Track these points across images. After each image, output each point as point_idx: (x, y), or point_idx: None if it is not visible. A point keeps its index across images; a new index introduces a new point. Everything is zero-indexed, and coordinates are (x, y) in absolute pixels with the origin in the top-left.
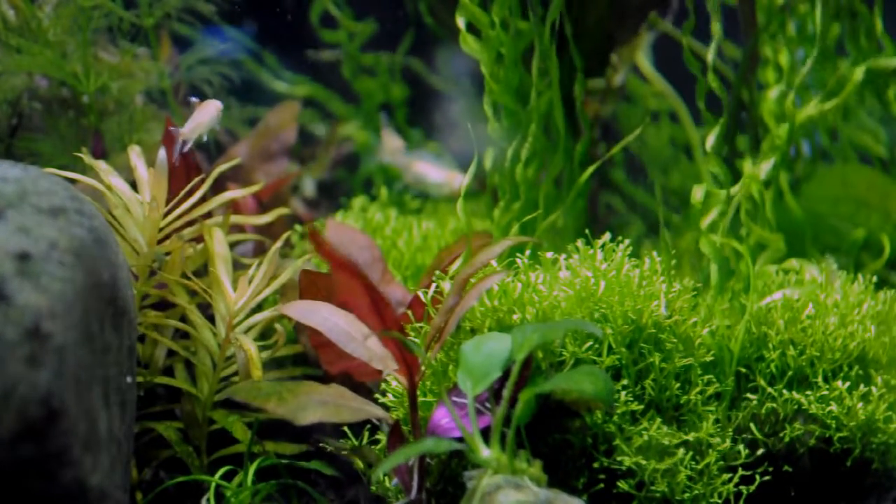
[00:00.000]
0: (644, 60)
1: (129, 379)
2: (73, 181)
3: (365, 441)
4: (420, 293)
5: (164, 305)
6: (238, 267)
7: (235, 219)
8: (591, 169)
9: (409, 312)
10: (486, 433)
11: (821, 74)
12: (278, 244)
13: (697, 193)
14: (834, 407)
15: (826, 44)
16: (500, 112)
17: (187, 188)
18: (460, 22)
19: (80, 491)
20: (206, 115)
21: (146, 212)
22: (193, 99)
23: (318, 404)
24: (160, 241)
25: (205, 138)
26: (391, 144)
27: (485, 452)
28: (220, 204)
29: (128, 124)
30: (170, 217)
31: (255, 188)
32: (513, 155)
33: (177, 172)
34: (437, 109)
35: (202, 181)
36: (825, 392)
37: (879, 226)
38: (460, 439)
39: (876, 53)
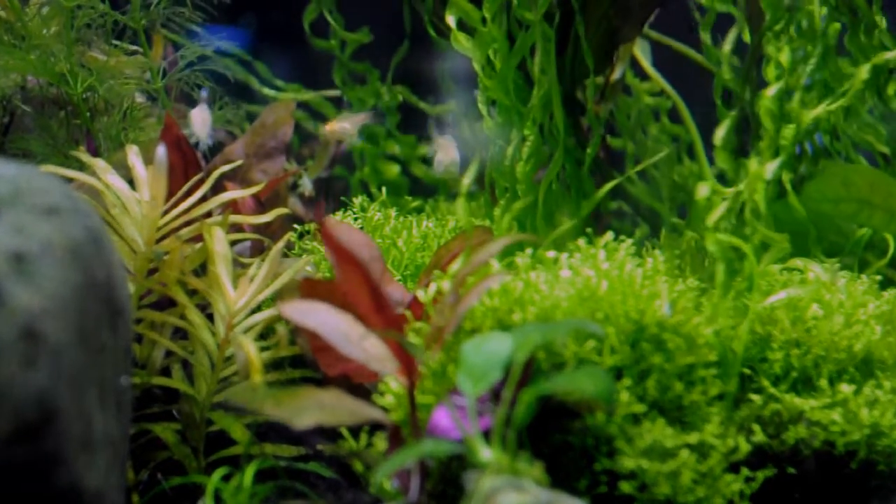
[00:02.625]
0: (642, 56)
1: (125, 380)
2: (69, 179)
3: (364, 443)
4: (419, 292)
5: (161, 305)
6: (236, 266)
7: (234, 218)
8: (605, 185)
9: (408, 312)
10: (486, 434)
11: (822, 73)
12: (280, 244)
13: (702, 191)
14: (837, 417)
15: (827, 42)
16: (494, 110)
17: (186, 187)
18: (451, 20)
19: (75, 493)
20: (206, 116)
21: (144, 210)
22: (203, 93)
23: (316, 407)
24: (159, 241)
25: (210, 141)
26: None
27: (485, 454)
28: (219, 204)
29: (121, 123)
30: (168, 216)
31: (256, 189)
32: (510, 152)
33: (175, 171)
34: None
35: (202, 180)
36: (828, 399)
37: (884, 225)
38: (460, 441)
39: (878, 50)
